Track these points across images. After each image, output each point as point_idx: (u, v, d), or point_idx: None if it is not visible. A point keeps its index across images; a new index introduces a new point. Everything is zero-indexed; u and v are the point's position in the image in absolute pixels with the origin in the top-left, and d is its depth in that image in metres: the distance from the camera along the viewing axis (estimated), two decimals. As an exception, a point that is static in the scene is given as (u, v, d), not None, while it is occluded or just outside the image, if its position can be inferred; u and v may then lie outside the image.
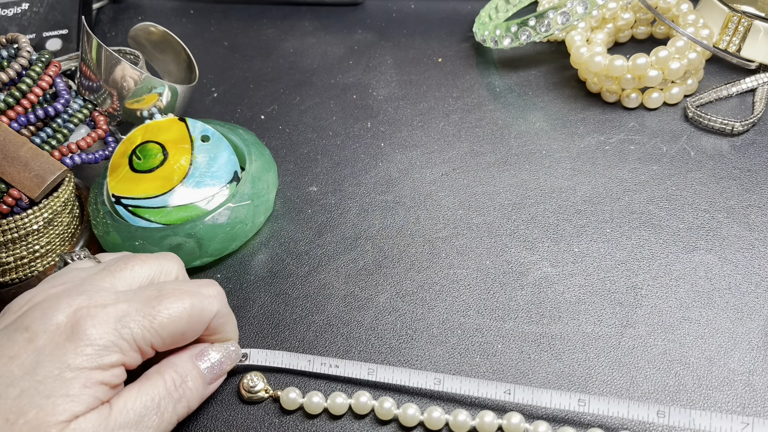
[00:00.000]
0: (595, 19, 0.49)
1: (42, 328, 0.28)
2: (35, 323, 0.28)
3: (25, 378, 0.27)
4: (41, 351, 0.27)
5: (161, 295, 0.30)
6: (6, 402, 0.26)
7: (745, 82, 0.45)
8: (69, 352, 0.27)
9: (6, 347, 0.28)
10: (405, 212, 0.41)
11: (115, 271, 0.31)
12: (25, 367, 0.27)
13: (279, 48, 0.55)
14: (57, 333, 0.28)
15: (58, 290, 0.30)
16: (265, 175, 0.41)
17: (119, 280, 0.31)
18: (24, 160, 0.38)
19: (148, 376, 0.30)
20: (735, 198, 0.39)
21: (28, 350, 0.27)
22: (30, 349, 0.27)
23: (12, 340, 0.28)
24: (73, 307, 0.28)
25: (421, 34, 0.54)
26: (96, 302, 0.29)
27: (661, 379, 0.32)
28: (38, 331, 0.28)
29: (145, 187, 0.40)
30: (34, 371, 0.27)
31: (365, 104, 0.49)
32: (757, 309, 0.34)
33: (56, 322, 0.28)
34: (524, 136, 0.45)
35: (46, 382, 0.27)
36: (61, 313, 0.28)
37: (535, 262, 0.38)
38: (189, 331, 0.31)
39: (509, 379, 0.33)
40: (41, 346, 0.27)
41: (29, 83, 0.40)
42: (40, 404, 0.26)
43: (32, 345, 0.27)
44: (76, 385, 0.27)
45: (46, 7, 0.55)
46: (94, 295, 0.29)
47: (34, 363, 0.27)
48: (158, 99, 0.43)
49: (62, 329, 0.28)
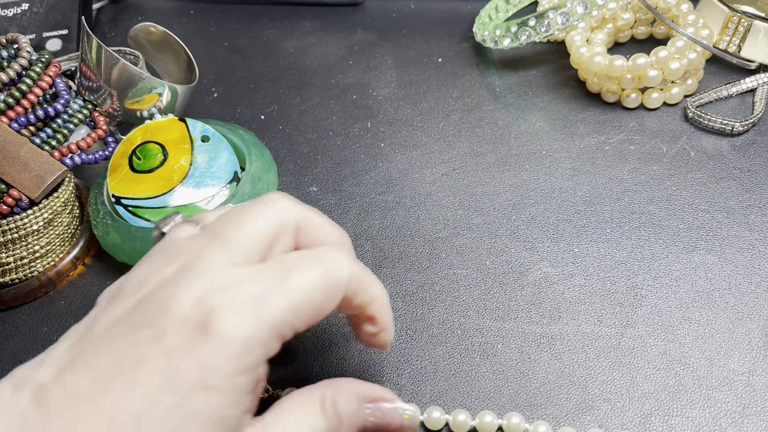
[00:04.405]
0: (595, 19, 0.49)
1: (167, 323, 0.23)
2: (157, 318, 0.23)
3: (165, 393, 0.22)
4: (173, 354, 0.22)
5: (288, 268, 0.25)
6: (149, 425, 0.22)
7: (745, 83, 0.45)
8: (208, 355, 0.22)
9: (128, 349, 0.23)
10: (405, 212, 0.41)
11: (227, 238, 0.25)
12: (161, 377, 0.22)
13: (279, 48, 0.55)
14: (186, 329, 0.23)
15: (168, 273, 0.25)
16: (265, 176, 0.41)
17: (235, 249, 0.25)
18: (24, 161, 0.38)
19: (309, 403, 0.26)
20: (735, 198, 0.39)
21: (157, 353, 0.22)
22: (159, 351, 0.22)
23: (133, 340, 0.23)
24: (195, 294, 0.23)
25: (421, 34, 0.54)
26: (220, 284, 0.24)
27: (661, 380, 0.32)
28: (163, 327, 0.23)
29: (145, 187, 0.40)
30: (174, 383, 0.22)
31: (365, 104, 0.49)
32: (757, 309, 0.34)
33: (182, 314, 0.23)
34: (524, 136, 0.45)
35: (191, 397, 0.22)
36: (184, 303, 0.23)
37: (535, 263, 0.38)
38: (327, 303, 0.26)
39: (509, 379, 0.33)
40: (172, 347, 0.23)
41: (29, 83, 0.40)
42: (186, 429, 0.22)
43: (160, 346, 0.23)
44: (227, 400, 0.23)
45: (46, 7, 0.55)
46: (214, 275, 0.24)
47: (170, 371, 0.22)
48: (158, 99, 0.43)
49: (192, 324, 0.23)
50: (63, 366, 0.23)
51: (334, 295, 0.26)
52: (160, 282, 0.25)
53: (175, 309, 0.23)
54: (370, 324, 0.28)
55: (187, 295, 0.24)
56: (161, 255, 0.26)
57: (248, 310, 0.23)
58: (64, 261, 0.40)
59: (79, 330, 0.25)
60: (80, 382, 0.23)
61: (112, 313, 0.24)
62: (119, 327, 0.24)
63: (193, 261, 0.25)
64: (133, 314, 0.24)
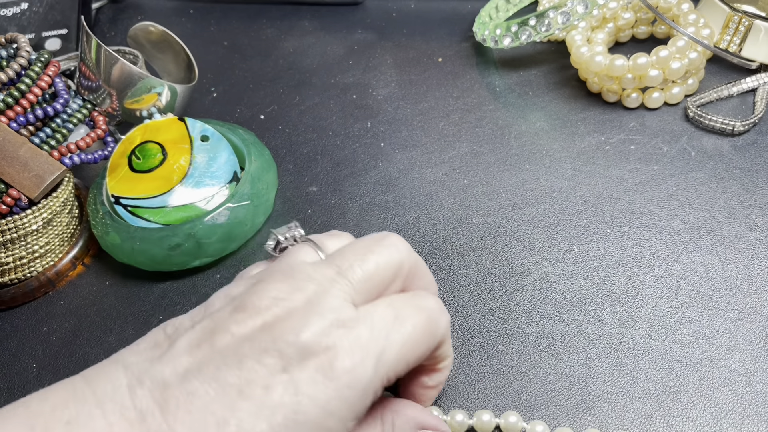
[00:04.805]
0: (595, 19, 0.48)
1: (293, 353, 0.23)
2: (286, 347, 0.23)
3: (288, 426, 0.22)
4: (300, 390, 0.23)
5: (401, 315, 0.26)
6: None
7: (745, 82, 0.45)
8: (332, 399, 0.23)
9: (257, 372, 0.23)
10: (405, 212, 0.41)
11: (353, 277, 0.26)
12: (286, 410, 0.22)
13: (279, 48, 0.55)
14: (312, 366, 0.23)
15: (297, 302, 0.25)
16: (265, 175, 0.41)
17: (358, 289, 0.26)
18: (23, 160, 0.38)
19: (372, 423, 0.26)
20: (736, 198, 0.39)
21: (284, 383, 0.23)
22: (285, 381, 0.23)
23: (262, 363, 0.23)
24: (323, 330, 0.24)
25: (421, 33, 0.54)
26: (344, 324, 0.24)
27: (662, 380, 0.32)
28: (291, 358, 0.23)
29: (145, 187, 0.40)
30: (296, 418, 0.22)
31: (365, 104, 0.49)
32: (758, 309, 0.34)
33: (310, 349, 0.23)
34: (524, 136, 0.45)
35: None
36: (313, 338, 0.24)
37: (536, 263, 0.37)
38: (425, 351, 0.26)
39: (509, 380, 0.33)
40: (298, 381, 0.23)
41: (28, 83, 0.40)
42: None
43: (287, 377, 0.23)
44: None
45: (45, 6, 0.55)
46: (340, 314, 0.24)
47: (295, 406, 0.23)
48: (157, 99, 0.43)
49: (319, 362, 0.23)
50: (186, 369, 0.23)
51: (432, 344, 0.27)
52: (288, 310, 0.24)
53: (303, 342, 0.23)
54: (430, 376, 0.29)
55: (316, 330, 0.24)
56: (288, 279, 0.26)
57: (371, 358, 0.24)
58: (64, 261, 0.40)
59: (197, 333, 0.24)
60: (207, 392, 0.23)
61: (238, 329, 0.24)
62: (246, 346, 0.24)
63: (322, 295, 0.25)
64: (260, 336, 0.24)
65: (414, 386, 0.30)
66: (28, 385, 0.36)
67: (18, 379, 0.36)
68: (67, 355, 0.37)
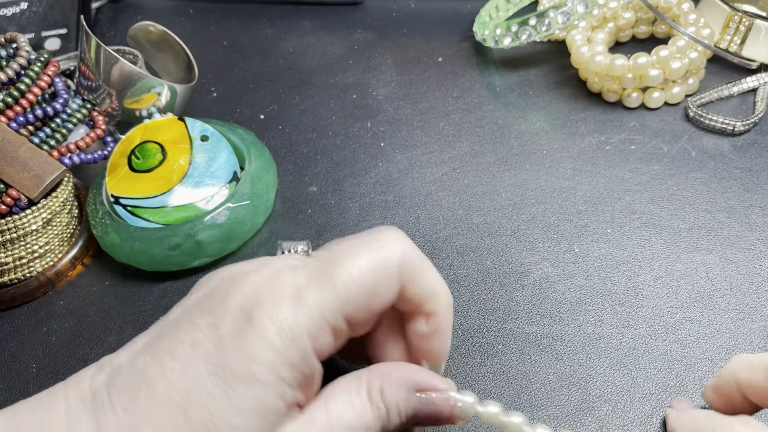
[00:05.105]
0: (595, 19, 0.48)
1: (223, 312, 0.24)
2: (217, 306, 0.24)
3: (213, 380, 0.23)
4: (224, 342, 0.23)
5: (335, 256, 0.25)
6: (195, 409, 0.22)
7: (746, 82, 0.45)
8: (253, 347, 0.23)
9: (189, 331, 0.24)
10: (405, 212, 0.41)
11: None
12: (211, 364, 0.23)
13: (278, 47, 0.55)
14: (238, 319, 0.24)
15: (244, 269, 0.26)
16: (265, 175, 0.41)
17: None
18: (23, 160, 0.38)
19: (357, 390, 0.25)
20: (736, 198, 0.39)
21: (210, 339, 0.23)
22: (212, 337, 0.23)
23: (194, 323, 0.24)
24: (253, 287, 0.24)
25: (421, 33, 0.54)
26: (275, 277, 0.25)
27: (663, 380, 0.32)
28: (220, 315, 0.24)
29: (144, 187, 0.40)
30: (221, 372, 0.23)
31: (365, 104, 0.49)
32: (758, 309, 0.34)
33: (236, 305, 0.24)
34: (525, 135, 0.45)
35: (235, 385, 0.23)
36: (241, 295, 0.24)
37: (536, 263, 0.37)
38: (380, 287, 0.25)
39: (510, 380, 0.33)
40: (224, 335, 0.23)
41: (28, 83, 0.40)
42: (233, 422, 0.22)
43: (214, 333, 0.24)
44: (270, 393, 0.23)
45: (45, 6, 0.55)
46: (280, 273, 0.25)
47: (219, 360, 0.23)
48: (157, 98, 0.43)
49: (243, 313, 0.24)
50: (137, 350, 0.25)
51: (386, 278, 0.25)
52: (232, 276, 0.25)
53: (232, 299, 0.24)
54: (424, 321, 0.27)
55: (248, 288, 0.24)
56: (264, 259, 0.26)
57: (289, 300, 0.24)
58: (63, 261, 0.40)
59: (161, 319, 0.26)
60: (145, 361, 0.24)
61: (187, 301, 0.26)
62: (186, 313, 0.25)
63: (270, 262, 0.26)
64: (200, 302, 0.25)
65: (415, 339, 0.27)
66: (27, 385, 0.36)
67: (17, 380, 0.36)
68: (67, 356, 0.37)
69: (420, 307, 0.26)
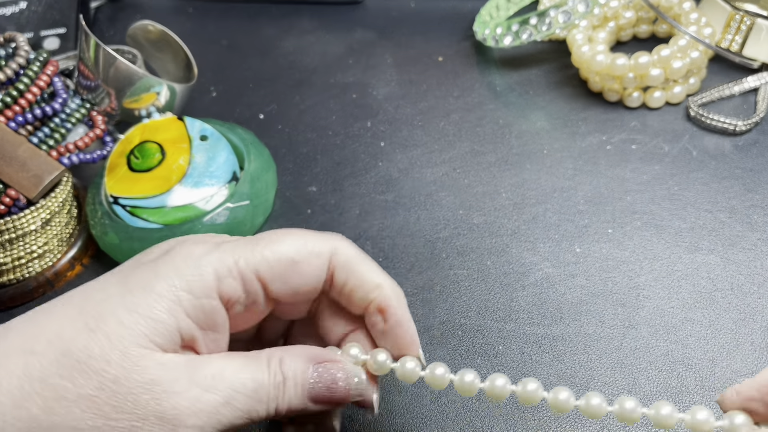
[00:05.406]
0: (596, 18, 0.48)
1: (156, 247, 0.27)
2: (155, 247, 0.28)
3: (117, 285, 0.25)
4: (141, 264, 0.26)
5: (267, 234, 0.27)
6: (90, 304, 0.25)
7: (747, 82, 0.44)
8: (163, 264, 0.25)
9: (122, 264, 0.27)
10: (405, 212, 0.41)
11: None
12: (121, 275, 0.26)
13: (278, 47, 0.55)
14: (161, 250, 0.27)
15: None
16: (264, 175, 0.41)
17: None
18: (21, 160, 0.38)
19: (256, 357, 0.26)
20: (737, 198, 0.39)
21: (132, 263, 0.27)
22: (134, 262, 0.27)
23: (131, 258, 0.27)
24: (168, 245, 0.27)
25: (422, 32, 0.54)
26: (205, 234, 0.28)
27: (664, 381, 0.32)
28: (153, 250, 0.27)
29: (143, 187, 0.39)
30: (126, 279, 0.25)
31: (365, 103, 0.49)
32: (759, 309, 0.34)
33: (167, 243, 0.27)
34: (525, 135, 0.44)
35: (134, 291, 0.25)
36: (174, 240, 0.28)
37: (537, 263, 0.37)
38: (301, 261, 0.27)
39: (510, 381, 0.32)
40: (144, 260, 0.26)
41: (27, 82, 0.40)
42: (121, 317, 0.24)
43: (137, 260, 0.27)
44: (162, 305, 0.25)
45: (44, 5, 0.55)
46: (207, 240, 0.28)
47: (128, 272, 0.26)
48: (156, 98, 0.43)
49: (166, 247, 0.27)
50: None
51: (311, 258, 0.27)
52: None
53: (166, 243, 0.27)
54: (380, 316, 0.28)
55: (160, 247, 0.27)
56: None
57: (208, 242, 0.26)
58: (62, 261, 0.40)
59: None
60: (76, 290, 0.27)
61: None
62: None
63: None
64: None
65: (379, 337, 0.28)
66: (26, 386, 0.35)
67: (16, 380, 0.36)
68: (66, 356, 0.36)
69: (367, 301, 0.28)
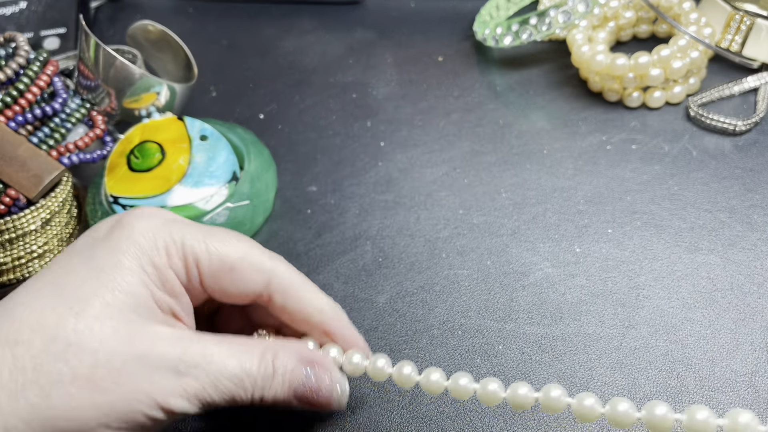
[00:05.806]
0: (596, 18, 0.48)
1: (102, 224, 0.28)
2: (101, 224, 0.28)
3: (85, 266, 0.26)
4: (97, 241, 0.27)
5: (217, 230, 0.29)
6: (67, 290, 0.25)
7: (747, 82, 0.44)
8: (124, 240, 0.27)
9: (73, 245, 0.28)
10: (405, 212, 0.41)
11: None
12: (83, 257, 0.26)
13: (278, 47, 0.55)
14: (112, 223, 0.28)
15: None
16: (264, 175, 0.41)
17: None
18: (21, 160, 0.38)
19: (250, 347, 0.27)
20: (737, 198, 0.39)
21: (87, 240, 0.27)
22: (89, 239, 0.28)
23: (80, 238, 0.28)
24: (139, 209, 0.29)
25: (422, 32, 0.54)
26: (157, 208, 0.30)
27: (664, 381, 0.32)
28: (100, 227, 0.28)
29: (143, 186, 0.39)
30: (92, 259, 0.26)
31: (365, 103, 0.49)
32: (759, 309, 0.34)
33: (110, 220, 0.28)
34: (525, 135, 0.44)
35: (105, 269, 0.26)
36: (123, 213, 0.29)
37: (537, 263, 0.37)
38: (239, 270, 0.28)
39: (510, 381, 0.32)
40: (98, 237, 0.27)
41: (27, 82, 0.40)
42: (103, 297, 0.25)
43: (91, 236, 0.28)
44: (135, 278, 0.26)
45: (44, 5, 0.55)
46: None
47: (89, 252, 0.27)
48: (156, 98, 0.43)
49: (116, 219, 0.28)
50: None
51: (249, 269, 0.28)
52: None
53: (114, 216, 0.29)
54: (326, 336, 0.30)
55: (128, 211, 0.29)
56: None
57: (162, 221, 0.28)
58: (62, 261, 0.40)
59: None
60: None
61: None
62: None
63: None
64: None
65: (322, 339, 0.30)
66: (26, 385, 0.35)
67: (16, 380, 0.36)
68: (66, 356, 0.36)
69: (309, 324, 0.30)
